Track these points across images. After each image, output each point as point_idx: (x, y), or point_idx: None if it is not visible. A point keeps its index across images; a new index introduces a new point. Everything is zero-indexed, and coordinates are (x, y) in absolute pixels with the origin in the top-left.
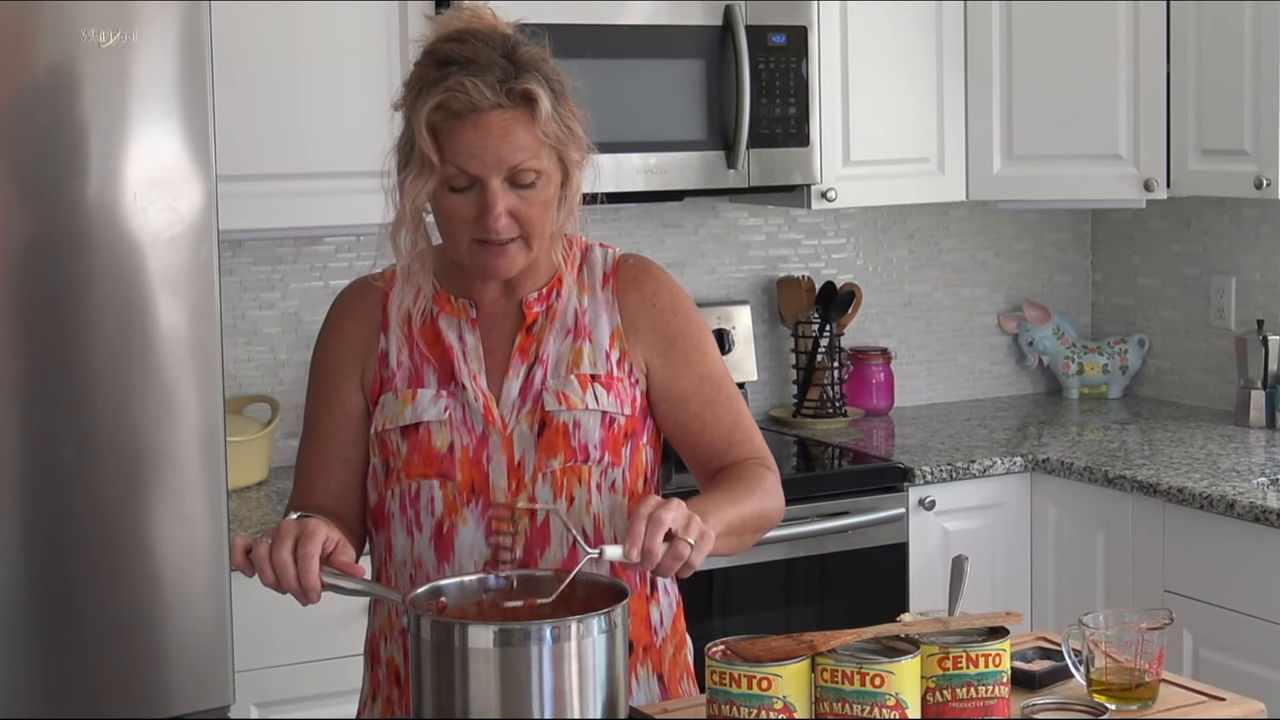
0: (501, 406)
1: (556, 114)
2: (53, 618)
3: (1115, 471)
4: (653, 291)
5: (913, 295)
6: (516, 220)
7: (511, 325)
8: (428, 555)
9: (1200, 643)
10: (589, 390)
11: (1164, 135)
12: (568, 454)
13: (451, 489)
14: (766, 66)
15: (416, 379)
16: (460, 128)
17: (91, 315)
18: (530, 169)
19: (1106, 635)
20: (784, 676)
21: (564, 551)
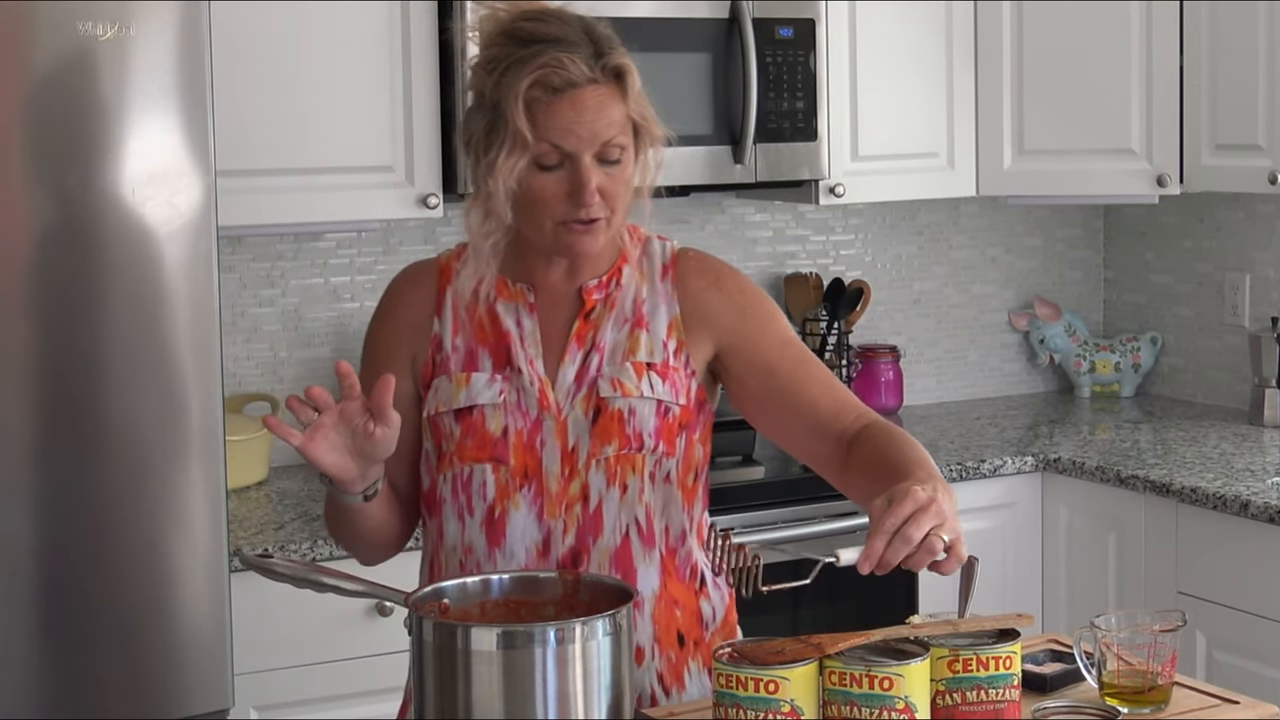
0: (557, 391)
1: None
2: (51, 618)
3: (1128, 471)
4: (716, 276)
5: (922, 292)
6: (604, 197)
7: (569, 311)
8: (478, 541)
9: (1214, 645)
10: (644, 378)
11: (1177, 129)
12: (622, 441)
13: (504, 473)
14: (774, 60)
15: (471, 362)
16: (557, 103)
17: (89, 312)
18: (619, 144)
19: (1119, 637)
20: (791, 679)
21: (617, 540)
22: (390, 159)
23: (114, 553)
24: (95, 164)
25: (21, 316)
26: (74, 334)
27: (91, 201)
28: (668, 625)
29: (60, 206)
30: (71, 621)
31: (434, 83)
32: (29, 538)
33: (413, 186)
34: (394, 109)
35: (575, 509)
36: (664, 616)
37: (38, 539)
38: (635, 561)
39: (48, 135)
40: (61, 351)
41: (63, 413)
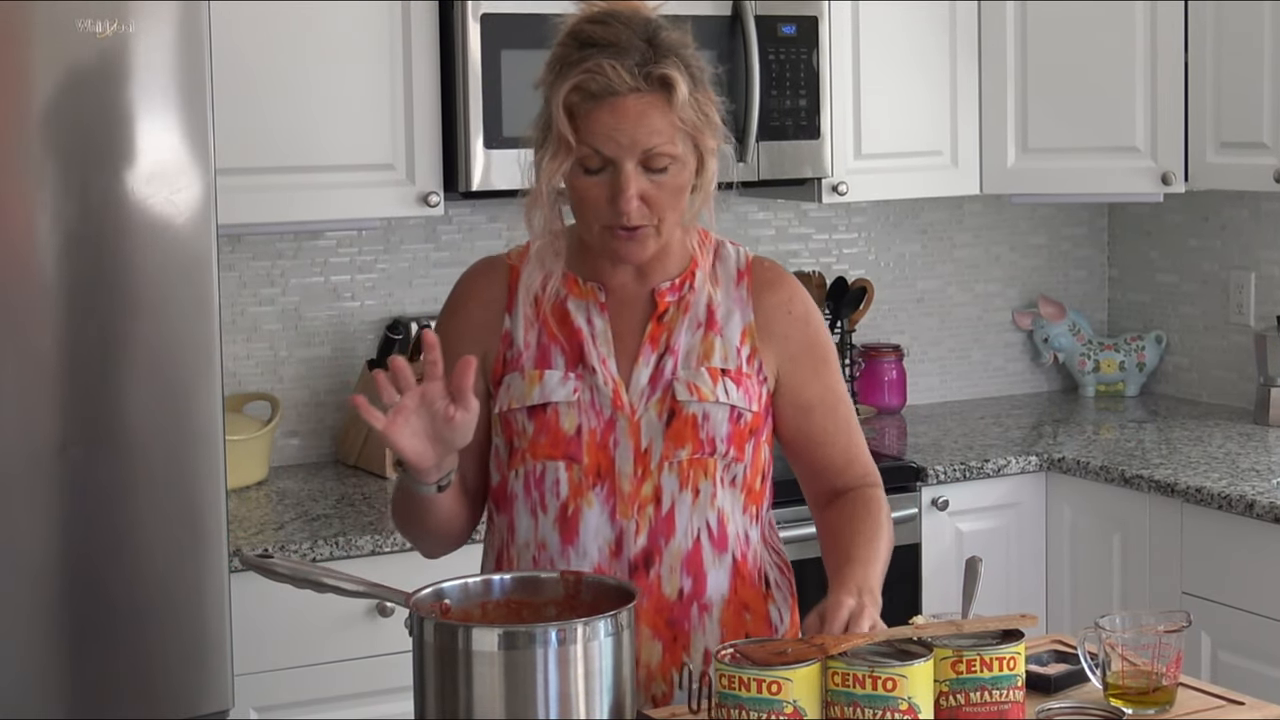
0: (631, 393)
1: (693, 100)
2: (50, 619)
3: (1132, 471)
4: (788, 298)
5: (925, 291)
6: (648, 205)
7: (642, 312)
8: (552, 538)
9: (1219, 646)
10: (719, 383)
11: (1182, 127)
12: (695, 445)
13: (577, 472)
14: (776, 57)
15: (544, 360)
16: (597, 110)
17: (88, 311)
18: (664, 154)
19: (1123, 638)
20: (794, 680)
21: (689, 543)
22: (391, 157)
23: (113, 552)
24: (94, 162)
25: (20, 315)
26: (72, 333)
27: (90, 200)
28: (736, 630)
29: (59, 205)
30: (70, 622)
31: (435, 80)
32: (27, 538)
33: (413, 185)
34: (394, 106)
35: (648, 510)
36: (733, 621)
37: (36, 539)
38: (706, 565)
39: (46, 134)
40: (60, 350)
41: (61, 412)
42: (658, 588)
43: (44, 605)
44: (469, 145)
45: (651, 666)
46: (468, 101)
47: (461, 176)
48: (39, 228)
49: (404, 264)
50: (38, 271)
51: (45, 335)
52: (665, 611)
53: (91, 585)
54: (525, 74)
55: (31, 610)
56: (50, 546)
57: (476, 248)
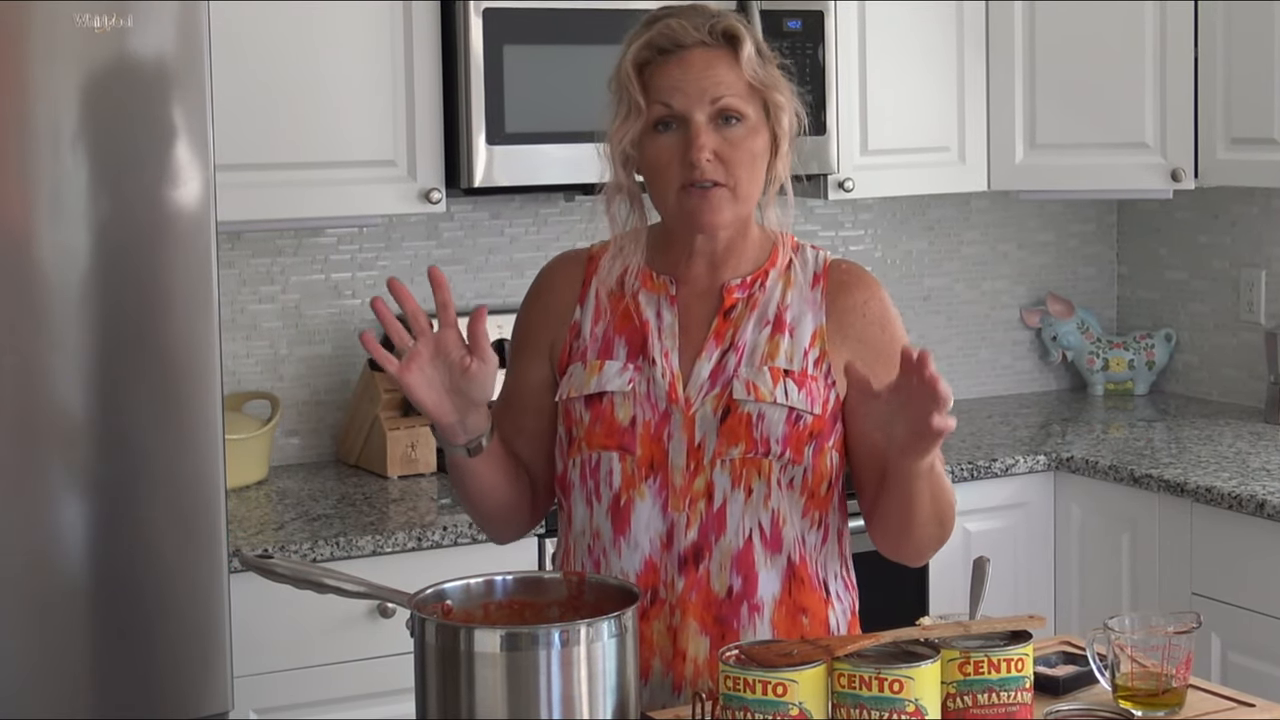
0: (689, 387)
1: (760, 61)
2: (48, 619)
3: (1141, 470)
4: (864, 300)
5: (932, 288)
6: (721, 162)
7: (710, 307)
8: (605, 527)
9: (1229, 647)
10: (780, 384)
11: (1192, 123)
12: (748, 445)
13: (630, 463)
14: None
15: (607, 350)
16: (665, 64)
17: (85, 309)
18: (734, 107)
19: (1132, 639)
20: (800, 682)
21: (740, 542)
22: (392, 153)
23: (112, 553)
24: (92, 159)
25: (16, 314)
26: (71, 331)
27: (87, 197)
28: (789, 632)
29: (56, 202)
30: (68, 622)
31: (436, 76)
32: (25, 538)
33: (415, 181)
34: (396, 102)
35: (699, 505)
36: (785, 623)
37: (34, 539)
38: (757, 565)
39: (42, 129)
40: (58, 349)
41: (59, 411)
42: (706, 583)
43: (42, 606)
44: (471, 141)
45: (699, 662)
46: (470, 97)
47: (463, 173)
48: (35, 225)
49: (405, 261)
50: (34, 269)
51: (42, 333)
52: (713, 608)
53: (90, 586)
54: (528, 69)
55: (29, 611)
56: (48, 546)
57: (479, 245)
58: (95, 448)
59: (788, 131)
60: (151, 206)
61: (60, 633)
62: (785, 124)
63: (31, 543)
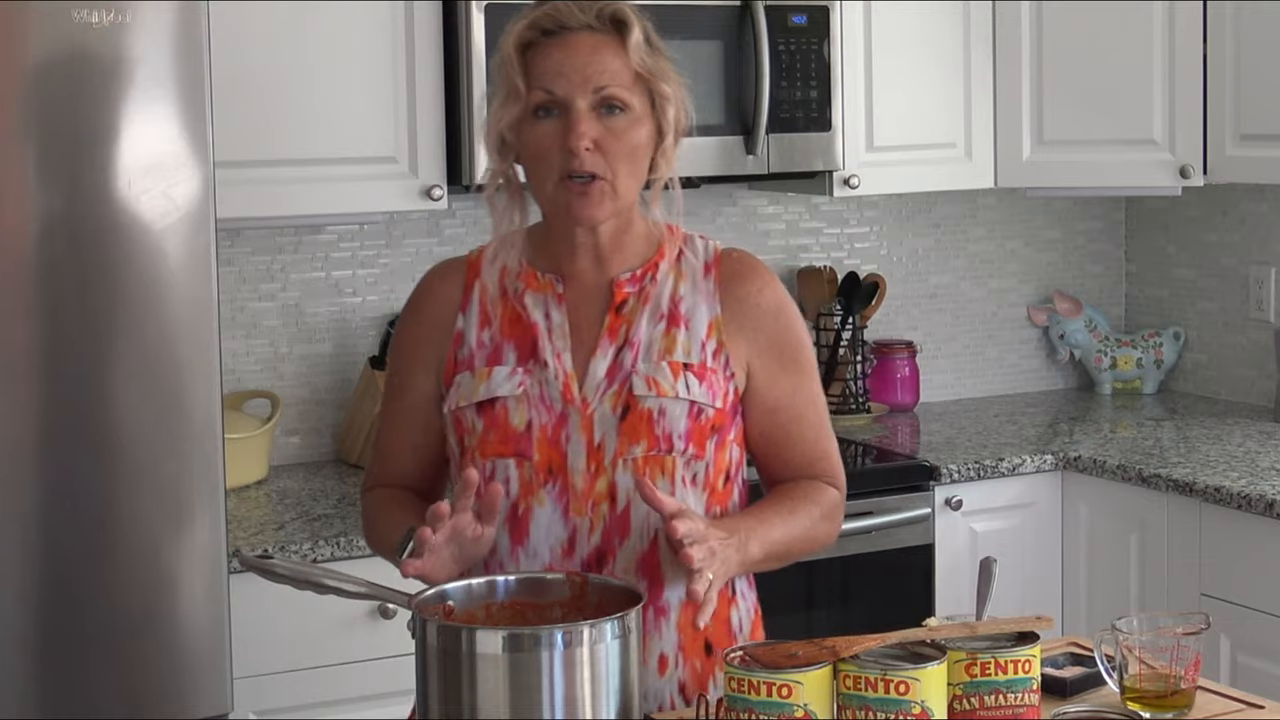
0: (585, 387)
1: (648, 49)
2: (46, 620)
3: (1150, 470)
4: (758, 289)
5: (939, 286)
6: (602, 153)
7: (600, 304)
8: (502, 539)
9: (1238, 648)
10: (680, 378)
11: (1200, 119)
12: (651, 442)
13: (528, 469)
14: (787, 48)
15: (496, 357)
16: (548, 46)
17: (84, 308)
18: (618, 96)
19: (1141, 640)
20: (805, 683)
21: (644, 544)
22: (393, 149)
23: (110, 553)
24: (90, 155)
25: (14, 312)
26: (68, 330)
27: (86, 194)
28: (694, 634)
29: (54, 199)
30: (67, 623)
31: (438, 71)
32: (23, 538)
33: (416, 178)
34: (397, 98)
35: (602, 508)
36: (690, 626)
37: (32, 540)
38: (663, 567)
39: (41, 126)
40: (56, 348)
41: (57, 411)
42: None
43: (39, 607)
44: (473, 138)
45: None
46: (471, 93)
47: (465, 169)
48: (33, 221)
49: (406, 259)
50: (32, 266)
51: (40, 332)
52: None
53: (88, 586)
54: None
55: (27, 612)
56: (45, 547)
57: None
58: (94, 447)
59: (673, 125)
60: (151, 204)
61: (59, 633)
62: (671, 117)
63: (30, 543)
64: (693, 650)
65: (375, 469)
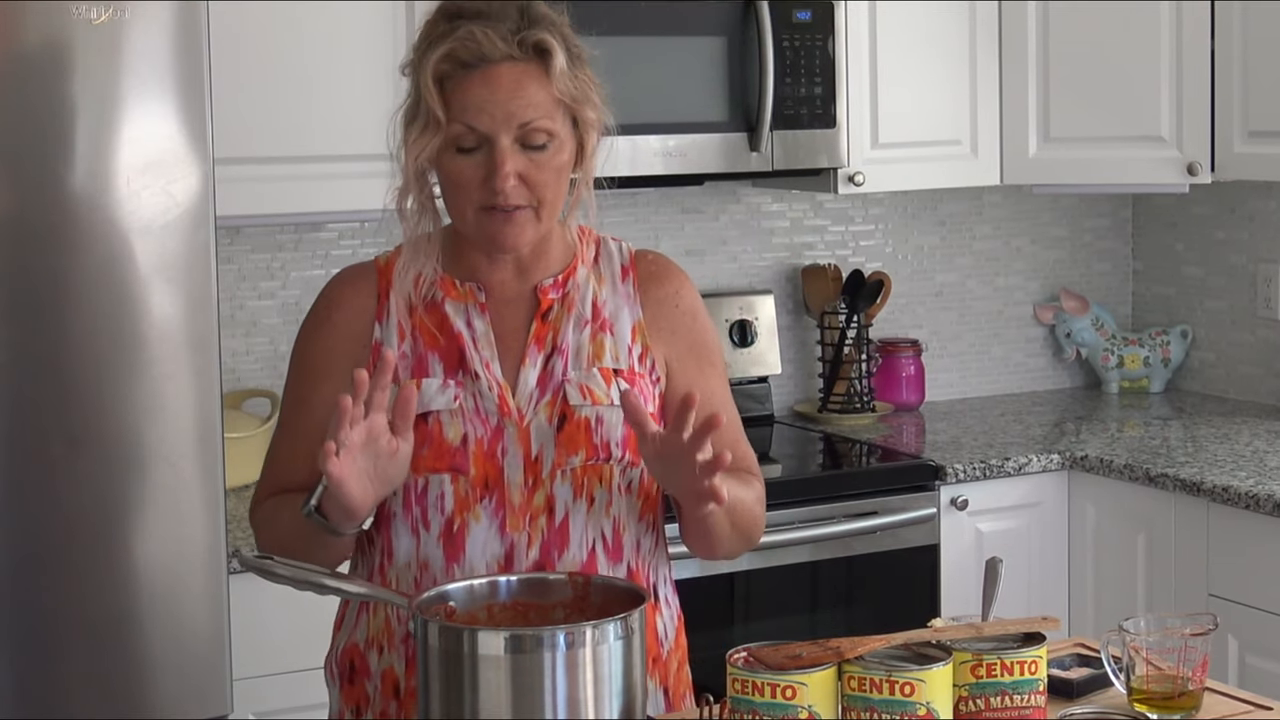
0: (518, 397)
1: (571, 73)
2: (42, 622)
3: (1157, 469)
4: (675, 291)
5: (944, 284)
6: (526, 185)
7: (525, 312)
8: (435, 556)
9: (1246, 649)
10: (613, 385)
11: (1208, 116)
12: (589, 451)
13: (464, 484)
14: (791, 44)
15: (420, 368)
16: (469, 80)
17: (82, 306)
18: (542, 129)
19: (1148, 641)
20: (809, 685)
21: (583, 554)
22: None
23: (109, 553)
24: (88, 152)
25: (11, 310)
26: (66, 328)
27: (84, 191)
28: None
29: (52, 196)
30: (64, 624)
31: None
32: (20, 539)
33: None
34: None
35: (540, 521)
36: None
37: (29, 540)
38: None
39: (39, 122)
40: (54, 346)
41: (54, 410)
42: None
43: (36, 607)
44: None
45: None
46: None
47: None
48: (30, 218)
49: None
50: (29, 264)
51: (37, 330)
52: None
53: (86, 587)
54: None
55: (23, 612)
56: (44, 546)
57: None
58: (92, 446)
59: (594, 144)
60: (150, 202)
61: (57, 633)
62: (593, 140)
63: (28, 543)
64: None
65: (268, 486)
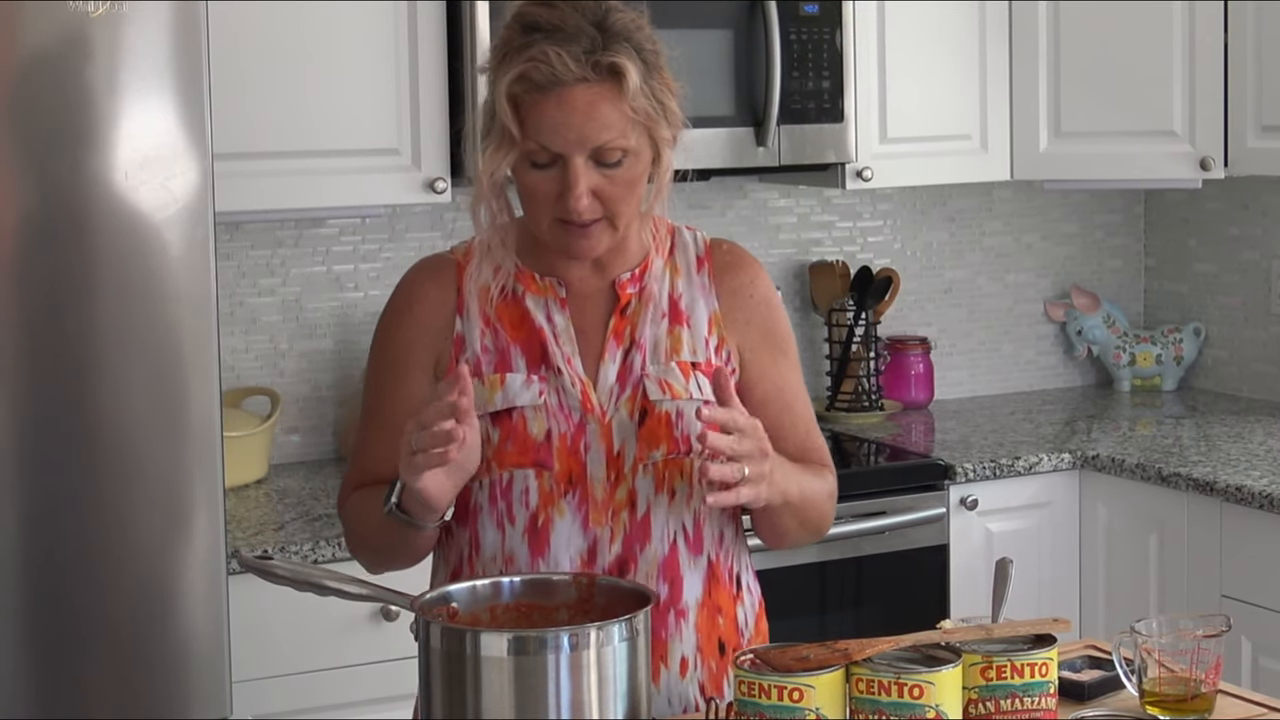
0: (598, 393)
1: (647, 87)
2: (41, 623)
3: (1169, 469)
4: (750, 280)
5: (954, 281)
6: (600, 200)
7: (603, 307)
8: (520, 550)
9: (1260, 651)
10: (692, 379)
11: (1221, 110)
12: (670, 445)
13: (548, 479)
14: (798, 37)
15: (504, 363)
16: (543, 102)
17: (79, 303)
18: (616, 147)
19: (1160, 643)
20: (817, 687)
21: (665, 548)
22: (396, 141)
23: (107, 554)
24: (86, 147)
25: (8, 308)
26: (64, 326)
27: (82, 186)
28: (709, 634)
29: (49, 192)
30: (62, 625)
31: (442, 61)
32: (17, 539)
33: (420, 170)
34: (400, 88)
35: (622, 516)
36: (707, 625)
37: (26, 540)
38: (682, 569)
39: (36, 117)
40: (51, 344)
41: (52, 408)
42: None
43: (33, 608)
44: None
45: None
46: (476, 83)
47: (469, 162)
48: (27, 214)
49: (410, 253)
50: (25, 260)
51: (34, 327)
52: None
53: (83, 587)
54: None
55: (20, 613)
56: (39, 546)
57: None
58: (89, 446)
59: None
60: (148, 197)
61: (55, 635)
62: (667, 156)
63: (25, 543)
64: (709, 651)
65: (356, 477)
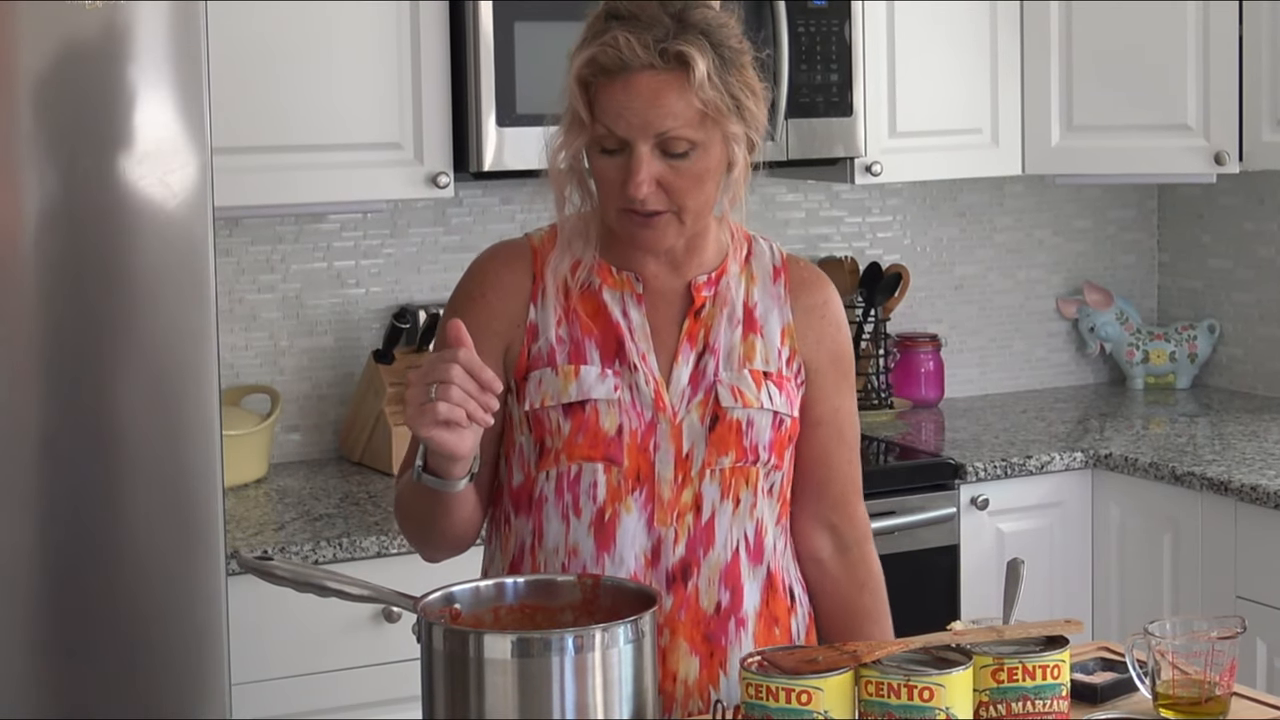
0: (671, 393)
1: (719, 81)
2: (39, 623)
3: (1183, 468)
4: (824, 301)
5: (964, 277)
6: (666, 191)
7: (678, 307)
8: (586, 544)
9: (1276, 653)
10: (764, 388)
11: (1236, 104)
12: (739, 453)
13: (616, 475)
14: (806, 30)
15: (578, 354)
16: (609, 85)
17: (77, 299)
18: (682, 137)
19: (1174, 645)
20: (825, 690)
21: (728, 555)
22: (398, 135)
23: (105, 554)
24: (83, 141)
25: (3, 302)
26: (61, 323)
27: (79, 181)
28: (766, 643)
29: (47, 186)
30: (61, 626)
31: (445, 54)
32: (15, 539)
33: (422, 165)
34: (402, 82)
35: (687, 518)
36: (765, 635)
37: (24, 540)
38: (743, 578)
39: (33, 112)
40: (48, 342)
41: (50, 407)
42: (695, 601)
43: (32, 609)
44: (480, 123)
45: (689, 683)
46: (479, 76)
47: (472, 156)
48: (25, 210)
49: (411, 249)
50: (23, 256)
51: (31, 324)
52: (702, 626)
53: (81, 588)
54: (540, 48)
55: (18, 614)
56: (37, 546)
57: (488, 231)
58: (87, 444)
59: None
60: (146, 192)
61: (50, 637)
62: (740, 154)
63: (23, 544)
64: None
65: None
